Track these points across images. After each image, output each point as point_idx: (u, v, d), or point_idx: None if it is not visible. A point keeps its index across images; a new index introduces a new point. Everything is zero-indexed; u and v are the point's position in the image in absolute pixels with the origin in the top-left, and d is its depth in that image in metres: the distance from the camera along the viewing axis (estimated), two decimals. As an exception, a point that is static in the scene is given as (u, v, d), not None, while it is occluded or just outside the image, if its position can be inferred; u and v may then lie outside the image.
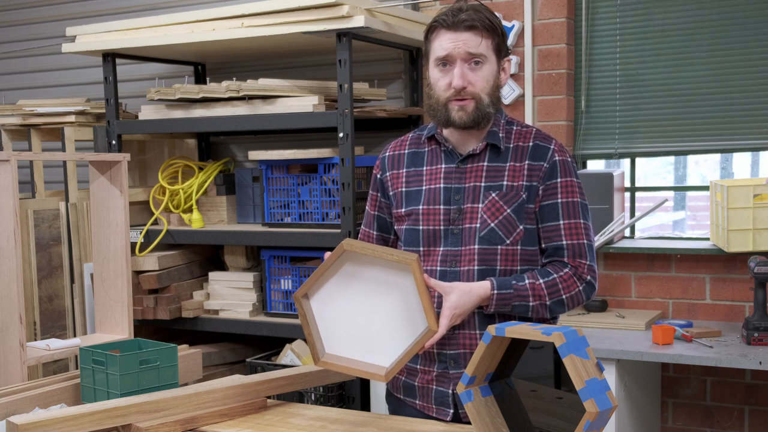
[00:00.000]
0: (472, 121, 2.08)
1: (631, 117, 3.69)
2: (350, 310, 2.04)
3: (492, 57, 2.09)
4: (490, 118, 2.12)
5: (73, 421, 1.89)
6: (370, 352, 2.02)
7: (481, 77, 2.07)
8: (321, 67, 4.09)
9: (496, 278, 2.07)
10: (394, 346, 2.00)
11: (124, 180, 2.98)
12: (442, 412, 2.15)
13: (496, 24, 2.09)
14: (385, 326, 2.01)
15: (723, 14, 3.51)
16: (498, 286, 2.04)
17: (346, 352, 2.04)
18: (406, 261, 1.93)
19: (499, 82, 2.12)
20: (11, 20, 4.96)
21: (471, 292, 2.02)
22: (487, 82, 2.08)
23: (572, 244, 2.10)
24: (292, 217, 3.62)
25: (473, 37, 2.05)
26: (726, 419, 3.54)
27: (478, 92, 2.07)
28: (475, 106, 2.07)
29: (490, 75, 2.09)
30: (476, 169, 2.13)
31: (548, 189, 2.11)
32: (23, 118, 4.13)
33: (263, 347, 3.88)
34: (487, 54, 2.07)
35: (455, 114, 2.08)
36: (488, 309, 2.06)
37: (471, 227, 2.10)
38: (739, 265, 3.45)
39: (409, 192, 2.19)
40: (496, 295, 2.04)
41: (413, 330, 1.98)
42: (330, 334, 2.04)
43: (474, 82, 2.07)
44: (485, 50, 2.07)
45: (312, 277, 2.03)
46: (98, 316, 3.07)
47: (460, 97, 2.07)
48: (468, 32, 2.05)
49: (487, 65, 2.08)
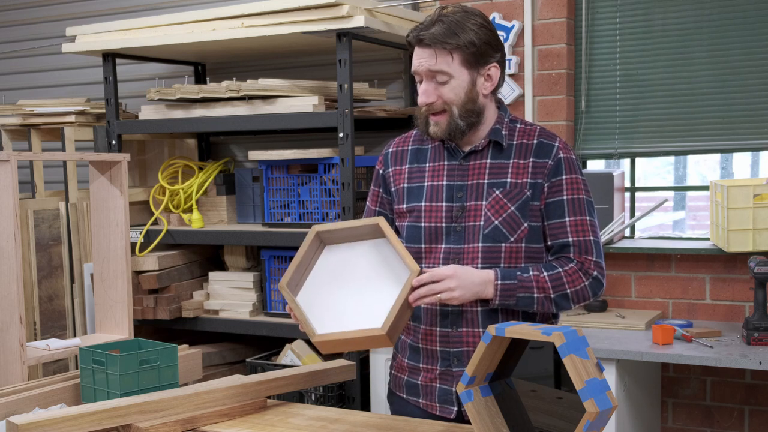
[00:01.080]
0: (446, 134, 2.12)
1: (631, 117, 3.69)
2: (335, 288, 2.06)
3: (459, 70, 2.07)
4: (461, 129, 2.11)
5: (73, 421, 1.89)
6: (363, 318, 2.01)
7: (447, 91, 2.08)
8: (321, 67, 4.09)
9: (499, 269, 2.06)
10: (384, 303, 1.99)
11: (124, 180, 2.98)
12: (446, 410, 2.15)
13: (464, 37, 2.04)
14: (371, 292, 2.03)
15: (723, 14, 3.51)
16: (502, 276, 2.04)
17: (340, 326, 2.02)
18: (373, 221, 2.02)
19: (475, 92, 2.10)
20: (11, 20, 4.96)
21: (476, 272, 2.03)
22: (456, 95, 2.08)
23: (578, 240, 2.10)
24: (292, 217, 3.62)
25: (432, 54, 2.06)
26: (726, 419, 3.54)
27: (448, 105, 2.09)
28: (447, 120, 2.10)
29: (459, 89, 2.08)
30: (479, 166, 2.13)
31: (553, 186, 2.11)
32: (23, 118, 4.13)
33: (263, 347, 3.88)
34: (450, 70, 2.06)
35: (431, 128, 2.13)
36: (493, 302, 2.06)
37: (475, 225, 2.10)
38: (739, 265, 3.45)
39: (411, 188, 2.19)
40: (500, 285, 2.03)
41: (399, 284, 2.00)
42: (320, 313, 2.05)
43: (442, 95, 2.09)
44: (446, 67, 2.06)
45: (291, 265, 2.06)
46: (98, 316, 3.07)
47: (433, 111, 2.10)
48: (428, 49, 2.06)
49: (454, 80, 2.07)
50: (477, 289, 2.03)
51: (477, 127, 2.13)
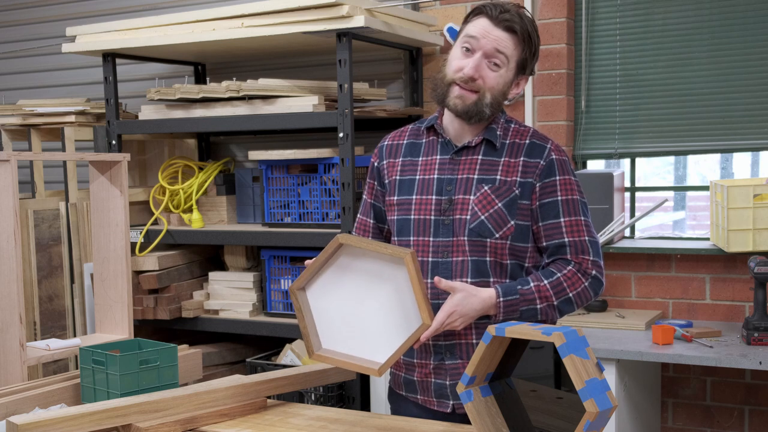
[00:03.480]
0: (465, 112, 2.09)
1: (631, 117, 3.69)
2: (345, 303, 2.05)
3: (513, 65, 2.09)
4: (483, 117, 2.11)
5: (73, 421, 1.89)
6: (364, 346, 2.03)
7: (493, 76, 2.08)
8: (321, 67, 4.09)
9: (500, 285, 2.06)
10: (388, 340, 2.00)
11: (124, 180, 2.98)
12: (442, 404, 2.16)
13: (534, 38, 2.10)
14: (380, 320, 2.02)
15: (723, 14, 3.51)
16: (503, 293, 2.04)
17: (341, 346, 2.05)
18: (400, 254, 1.94)
19: (508, 91, 2.13)
20: (11, 20, 4.96)
21: (477, 296, 2.02)
22: (498, 84, 2.09)
23: (574, 241, 2.10)
24: (292, 217, 3.62)
25: (507, 38, 2.06)
26: (726, 419, 3.54)
27: (485, 88, 2.08)
28: (475, 100, 2.08)
29: (503, 80, 2.09)
30: (470, 161, 2.14)
31: (546, 187, 2.11)
32: (23, 118, 4.13)
33: (263, 347, 3.88)
34: (510, 60, 2.08)
35: (453, 98, 2.09)
36: (497, 318, 2.06)
37: (461, 218, 2.10)
38: (739, 265, 3.45)
39: (402, 181, 2.20)
40: (503, 302, 2.04)
41: (407, 325, 1.99)
42: (324, 327, 2.06)
43: (486, 78, 2.07)
44: (510, 55, 2.07)
45: (307, 270, 2.05)
46: (98, 316, 3.07)
47: (466, 85, 2.07)
48: (505, 32, 2.06)
49: (504, 70, 2.08)
50: (479, 314, 2.05)
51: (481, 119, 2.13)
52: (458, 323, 2.01)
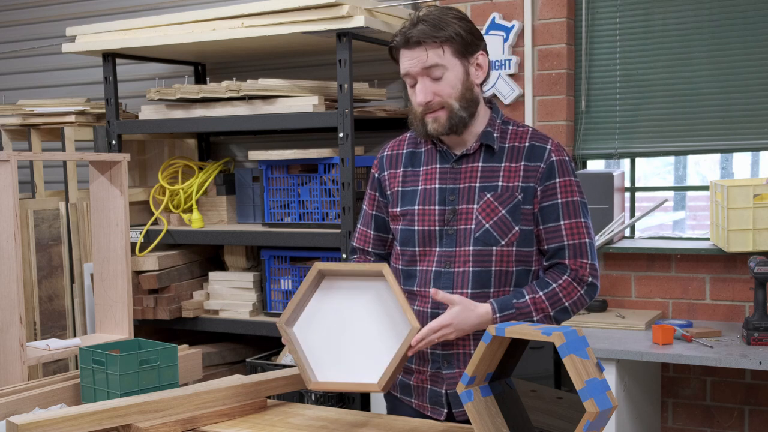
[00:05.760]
0: (447, 130, 2.10)
1: (631, 117, 3.69)
2: (333, 330, 2.07)
3: (452, 61, 2.07)
4: (466, 122, 2.11)
5: (73, 421, 1.89)
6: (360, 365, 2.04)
7: (444, 85, 2.08)
8: (321, 67, 4.09)
9: (495, 300, 2.07)
10: (382, 352, 2.02)
11: (124, 180, 2.98)
12: (436, 411, 2.17)
13: (449, 29, 2.06)
14: (370, 336, 2.04)
15: (723, 14, 3.51)
16: (499, 309, 2.05)
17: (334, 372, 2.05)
18: (377, 268, 2.01)
19: (470, 82, 2.11)
20: (11, 20, 4.96)
21: (474, 311, 2.03)
22: (453, 88, 2.08)
23: (574, 244, 2.10)
24: (292, 217, 3.62)
25: (423, 51, 2.06)
26: (726, 419, 3.54)
27: (446, 100, 2.08)
28: (447, 115, 2.09)
29: (455, 80, 2.08)
30: (471, 169, 2.13)
31: (547, 190, 2.11)
32: (23, 118, 4.13)
33: (263, 347, 3.88)
34: (444, 62, 2.06)
35: (430, 126, 2.11)
36: None
37: (466, 228, 2.10)
38: (739, 265, 3.45)
39: (405, 192, 2.20)
40: (499, 318, 2.04)
41: (397, 333, 2.01)
42: (317, 357, 2.07)
43: (439, 92, 2.08)
44: (439, 60, 2.06)
45: (291, 302, 2.07)
46: (98, 316, 3.07)
47: (430, 110, 2.09)
48: (418, 48, 2.07)
49: (449, 72, 2.07)
50: (475, 329, 2.05)
51: (471, 124, 2.13)
52: (452, 336, 2.03)
